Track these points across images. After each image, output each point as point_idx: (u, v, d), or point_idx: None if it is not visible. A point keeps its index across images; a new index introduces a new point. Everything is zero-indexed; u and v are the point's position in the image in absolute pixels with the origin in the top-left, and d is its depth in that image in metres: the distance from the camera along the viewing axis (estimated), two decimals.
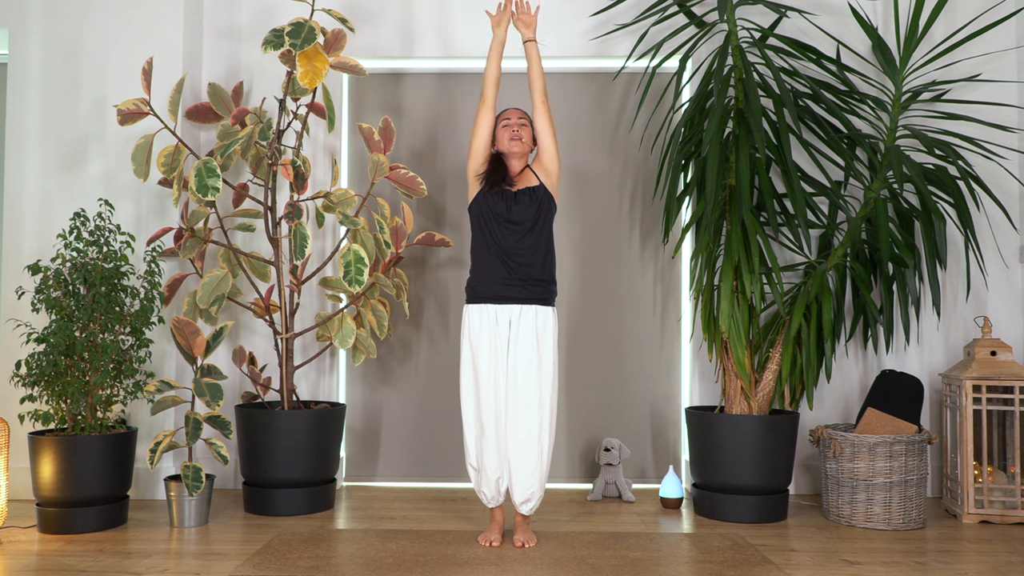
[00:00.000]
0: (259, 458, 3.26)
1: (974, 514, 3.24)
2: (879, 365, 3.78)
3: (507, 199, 2.91)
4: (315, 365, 3.81)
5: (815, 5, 3.82)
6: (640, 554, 2.74)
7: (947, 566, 2.66)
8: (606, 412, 3.89)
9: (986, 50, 3.79)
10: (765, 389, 3.33)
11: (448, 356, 3.91)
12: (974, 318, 3.76)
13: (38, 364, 2.98)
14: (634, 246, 3.92)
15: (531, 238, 2.89)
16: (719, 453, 3.22)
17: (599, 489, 3.60)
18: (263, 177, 3.46)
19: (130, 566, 2.59)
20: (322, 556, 2.68)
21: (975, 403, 3.28)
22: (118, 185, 3.59)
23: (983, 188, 3.26)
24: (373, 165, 3.42)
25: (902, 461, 3.12)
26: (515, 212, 2.90)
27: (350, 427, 3.91)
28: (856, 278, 3.33)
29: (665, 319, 3.91)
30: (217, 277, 3.30)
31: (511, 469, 2.85)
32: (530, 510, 2.88)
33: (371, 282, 3.44)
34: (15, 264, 3.57)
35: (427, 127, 3.97)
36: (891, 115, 3.40)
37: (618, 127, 3.94)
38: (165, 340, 3.57)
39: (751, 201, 3.22)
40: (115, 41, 3.62)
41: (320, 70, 3.23)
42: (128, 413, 3.49)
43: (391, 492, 3.75)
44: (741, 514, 3.20)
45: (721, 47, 3.33)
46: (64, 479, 2.97)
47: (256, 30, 3.85)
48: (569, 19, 3.86)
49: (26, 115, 3.61)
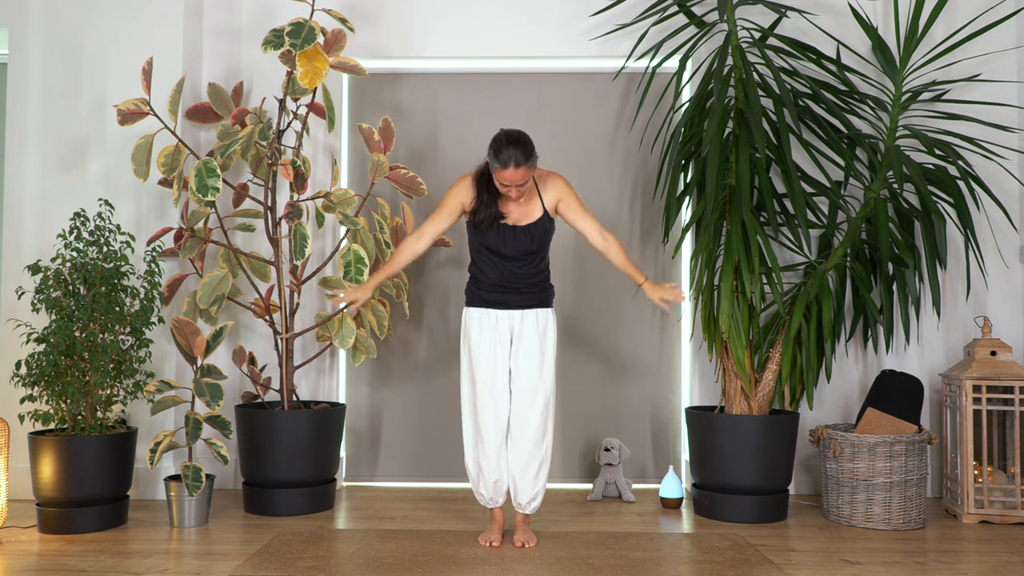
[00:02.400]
0: (259, 458, 3.26)
1: (974, 514, 3.24)
2: (879, 365, 3.78)
3: (503, 234, 2.76)
4: (315, 365, 3.81)
5: (815, 5, 3.82)
6: (640, 554, 2.74)
7: (947, 566, 2.66)
8: (606, 412, 3.89)
9: (986, 50, 3.79)
10: (765, 389, 3.33)
11: (448, 356, 3.91)
12: (974, 318, 3.76)
13: (38, 364, 2.98)
14: (634, 246, 3.92)
15: (530, 265, 2.83)
16: (719, 453, 3.22)
17: (599, 489, 3.60)
18: (263, 177, 3.46)
19: (130, 566, 2.59)
20: (322, 556, 2.68)
21: (975, 403, 3.28)
22: (118, 185, 3.59)
23: (983, 188, 3.26)
24: (373, 165, 3.42)
25: (902, 461, 3.12)
26: (511, 248, 2.77)
27: (350, 427, 3.91)
28: (856, 278, 3.33)
29: (665, 319, 3.91)
30: (217, 277, 3.30)
31: (515, 471, 2.85)
32: (534, 509, 2.89)
33: None
34: (15, 264, 3.57)
35: (427, 127, 3.97)
36: (891, 115, 3.40)
37: (618, 127, 3.94)
38: (165, 340, 3.57)
39: (751, 201, 3.22)
40: (115, 41, 3.62)
41: (320, 70, 3.23)
42: (128, 413, 3.49)
43: (391, 492, 3.75)
44: (741, 514, 3.20)
45: (721, 47, 3.33)
46: (64, 479, 2.97)
47: (256, 30, 3.85)
48: (569, 19, 3.86)
49: (26, 115, 3.60)
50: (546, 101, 3.95)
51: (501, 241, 2.76)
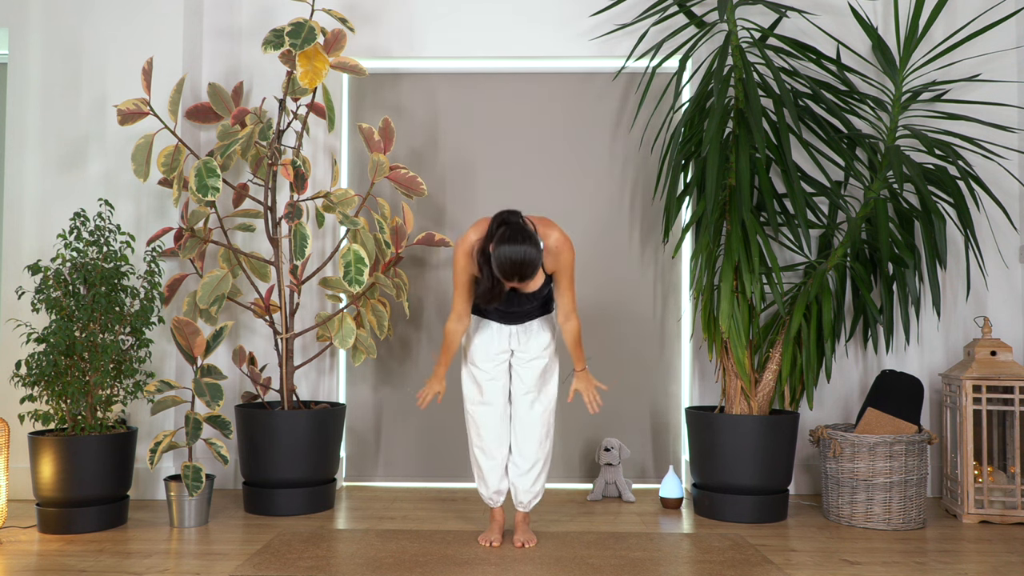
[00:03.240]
0: (259, 458, 3.26)
1: (974, 514, 3.24)
2: (879, 365, 3.78)
3: (507, 298, 2.73)
4: (315, 365, 3.81)
5: (815, 5, 3.82)
6: (640, 554, 2.74)
7: (947, 566, 2.66)
8: (606, 412, 3.89)
9: (986, 50, 3.79)
10: (765, 389, 3.33)
11: None
12: (974, 318, 3.76)
13: (38, 364, 2.98)
14: (634, 246, 3.92)
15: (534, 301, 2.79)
16: (719, 453, 3.22)
17: (599, 489, 3.60)
18: (263, 177, 3.46)
19: (130, 566, 2.59)
20: (322, 556, 2.68)
21: (975, 403, 3.28)
22: (118, 185, 3.59)
23: (983, 188, 3.26)
24: (373, 165, 3.42)
25: (902, 461, 3.12)
26: (515, 305, 2.76)
27: (350, 427, 3.91)
28: (856, 278, 3.33)
29: (665, 319, 3.91)
30: (217, 277, 3.30)
31: (516, 472, 2.85)
32: (532, 507, 2.90)
33: (371, 282, 3.45)
34: (15, 264, 3.57)
35: (427, 127, 3.97)
36: (891, 115, 3.40)
37: (618, 127, 3.94)
38: (165, 340, 3.57)
39: (751, 201, 3.22)
40: (115, 41, 3.62)
41: (320, 70, 3.23)
42: (128, 413, 3.49)
43: (391, 492, 3.75)
44: (741, 514, 3.20)
45: (721, 47, 3.33)
46: (64, 479, 2.97)
47: (256, 30, 3.85)
48: (569, 19, 3.86)
49: (26, 115, 3.61)
50: (546, 101, 3.95)
51: (505, 302, 2.74)
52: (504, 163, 3.94)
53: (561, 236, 2.67)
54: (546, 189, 3.93)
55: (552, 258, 2.68)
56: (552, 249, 2.66)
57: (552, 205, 3.92)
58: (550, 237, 2.66)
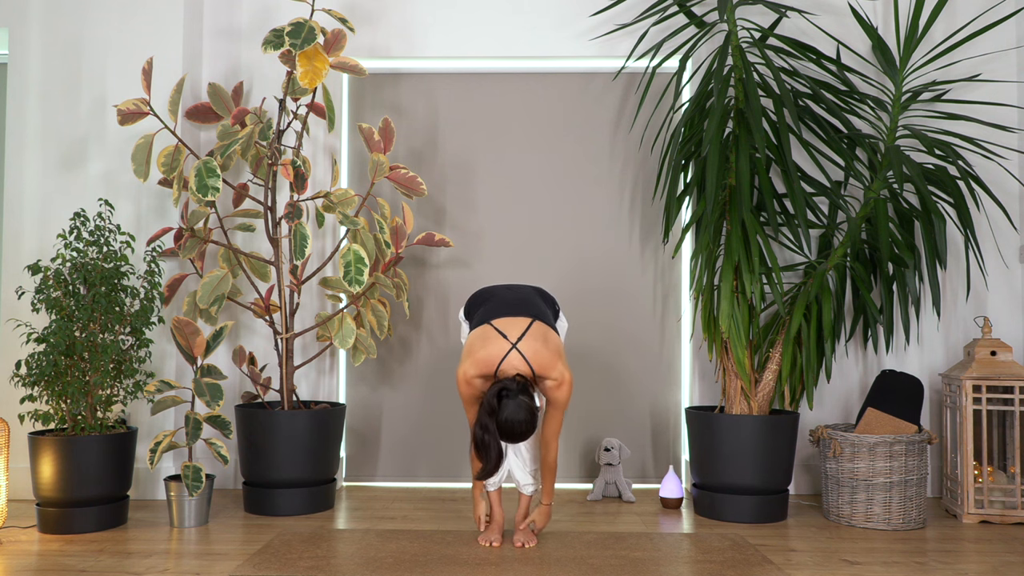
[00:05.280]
0: (259, 458, 3.26)
1: (974, 514, 3.24)
2: (879, 365, 3.78)
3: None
4: (315, 365, 3.81)
5: (815, 5, 3.82)
6: (640, 554, 2.74)
7: (947, 566, 2.66)
8: (606, 412, 3.89)
9: (986, 50, 3.79)
10: (765, 389, 3.33)
11: (448, 356, 3.91)
12: (974, 318, 3.76)
13: (38, 364, 2.98)
14: (634, 246, 3.92)
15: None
16: (719, 453, 3.22)
17: (599, 489, 3.60)
18: (263, 177, 3.46)
19: (130, 566, 2.59)
20: (322, 556, 2.68)
21: (975, 403, 3.28)
22: (118, 185, 3.59)
23: (983, 188, 3.26)
24: (373, 165, 3.42)
25: (902, 461, 3.12)
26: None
27: (350, 427, 3.91)
28: (856, 278, 3.33)
29: (665, 319, 3.91)
30: (217, 277, 3.30)
31: (516, 464, 2.85)
32: (531, 495, 2.90)
33: (371, 282, 3.45)
34: (15, 264, 3.57)
35: (427, 127, 3.97)
36: (891, 115, 3.40)
37: (618, 127, 3.94)
38: (165, 340, 3.57)
39: (751, 201, 3.22)
40: (115, 41, 3.62)
41: (320, 70, 3.23)
42: (128, 413, 3.49)
43: (391, 492, 3.75)
44: (741, 514, 3.20)
45: (721, 47, 3.33)
46: (64, 479, 2.97)
47: (256, 30, 3.85)
48: (569, 19, 3.86)
49: (26, 115, 3.61)
50: (546, 101, 3.95)
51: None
52: (504, 163, 3.94)
53: (561, 376, 2.65)
54: (546, 189, 3.93)
55: (549, 391, 2.68)
56: (550, 386, 2.67)
57: (552, 205, 3.92)
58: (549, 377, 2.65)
